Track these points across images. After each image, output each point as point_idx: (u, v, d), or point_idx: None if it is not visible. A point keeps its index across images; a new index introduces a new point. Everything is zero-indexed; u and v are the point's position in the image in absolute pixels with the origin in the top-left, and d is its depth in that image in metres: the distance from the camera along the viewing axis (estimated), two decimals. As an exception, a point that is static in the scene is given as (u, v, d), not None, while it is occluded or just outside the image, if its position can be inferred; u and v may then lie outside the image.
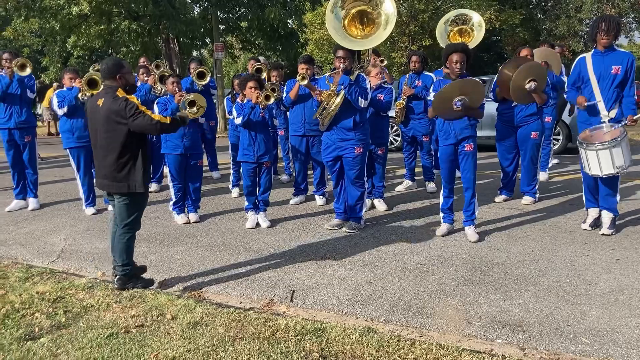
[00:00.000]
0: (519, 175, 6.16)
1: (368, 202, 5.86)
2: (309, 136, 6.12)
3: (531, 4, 27.13)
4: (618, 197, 4.83)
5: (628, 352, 2.84)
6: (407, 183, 7.02)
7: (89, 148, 4.43)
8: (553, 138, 8.09)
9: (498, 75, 5.65)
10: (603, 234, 4.73)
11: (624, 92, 4.69)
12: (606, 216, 4.79)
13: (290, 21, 16.35)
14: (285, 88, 6.31)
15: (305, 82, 5.45)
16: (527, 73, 5.20)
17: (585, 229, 4.92)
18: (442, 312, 3.38)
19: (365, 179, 5.23)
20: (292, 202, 6.36)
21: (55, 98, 5.94)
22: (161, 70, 7.26)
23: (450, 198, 4.97)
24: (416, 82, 6.56)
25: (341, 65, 4.89)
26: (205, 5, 17.27)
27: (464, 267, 4.12)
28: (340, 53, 4.91)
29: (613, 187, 4.75)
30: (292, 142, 6.33)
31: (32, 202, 6.45)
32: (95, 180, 3.94)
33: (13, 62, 6.03)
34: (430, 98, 4.87)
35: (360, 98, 4.87)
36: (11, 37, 21.40)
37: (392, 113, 6.55)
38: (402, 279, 3.93)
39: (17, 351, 2.93)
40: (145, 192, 3.78)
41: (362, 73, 5.16)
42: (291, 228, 5.36)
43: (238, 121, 5.29)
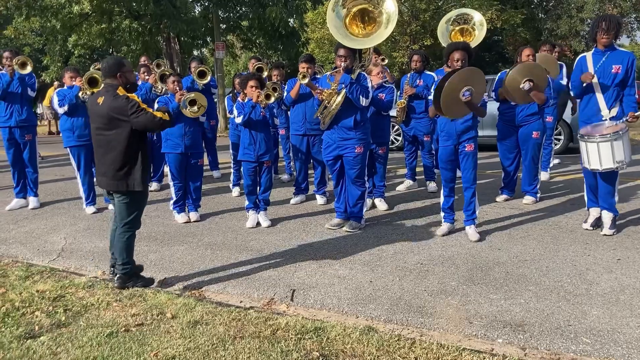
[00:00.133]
0: (520, 175, 6.15)
1: (369, 202, 5.85)
2: (310, 135, 6.11)
3: (532, 4, 27.08)
4: (616, 197, 4.82)
5: (629, 352, 2.83)
6: (408, 182, 7.01)
7: (90, 147, 4.44)
8: (554, 138, 8.07)
9: (505, 79, 5.55)
10: (605, 235, 4.72)
11: (625, 91, 4.68)
12: (606, 216, 4.78)
13: (291, 20, 16.32)
14: (286, 87, 6.31)
15: (306, 81, 5.45)
16: (525, 73, 5.19)
17: (586, 229, 4.92)
18: (443, 312, 3.38)
19: (365, 179, 5.23)
20: (293, 202, 6.36)
21: (55, 97, 5.94)
22: (162, 69, 7.25)
23: (451, 197, 4.96)
24: (417, 82, 6.55)
25: (342, 63, 4.88)
26: (206, 4, 17.26)
27: (465, 267, 4.11)
28: (341, 52, 4.90)
29: (612, 186, 4.74)
30: (293, 142, 6.33)
31: (33, 201, 6.45)
32: (95, 178, 3.93)
33: (14, 61, 6.03)
34: (431, 98, 4.86)
35: (361, 97, 4.86)
36: (12, 36, 21.41)
37: (394, 112, 6.54)
38: (403, 279, 3.92)
39: (17, 349, 2.93)
40: (144, 191, 3.77)
41: (364, 72, 5.15)
42: (292, 227, 5.35)
43: (239, 120, 5.29)
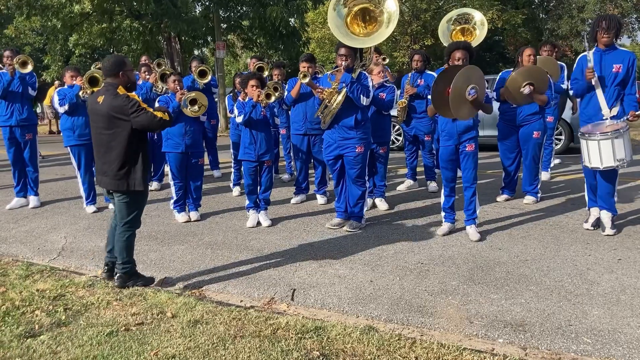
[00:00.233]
0: (521, 174, 6.15)
1: (369, 201, 5.85)
2: (311, 135, 6.11)
3: (533, 4, 27.07)
4: (616, 197, 4.81)
5: (630, 352, 2.82)
6: (409, 182, 7.00)
7: (90, 146, 4.42)
8: (555, 138, 8.06)
9: (508, 80, 5.53)
10: (607, 235, 4.71)
11: (625, 90, 4.67)
12: (606, 216, 4.77)
13: (292, 20, 16.33)
14: (286, 87, 6.31)
15: (306, 80, 5.44)
16: (526, 76, 5.17)
17: (587, 229, 4.91)
18: (443, 311, 3.37)
19: (366, 178, 5.22)
20: (293, 201, 6.36)
21: (56, 96, 5.94)
22: (162, 68, 7.25)
23: (451, 197, 4.96)
24: (418, 81, 6.54)
25: (343, 63, 4.88)
26: (206, 3, 17.27)
27: (466, 267, 4.11)
28: (342, 51, 4.90)
29: (612, 185, 4.72)
30: (294, 141, 6.32)
31: (33, 200, 6.45)
32: (95, 177, 3.92)
33: (14, 60, 6.03)
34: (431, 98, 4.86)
35: (362, 96, 4.86)
36: (13, 35, 21.46)
37: (395, 112, 6.53)
38: (403, 278, 3.92)
39: (17, 348, 2.93)
40: (145, 191, 3.76)
41: (364, 71, 5.14)
42: (292, 227, 5.35)
43: (239, 120, 5.28)
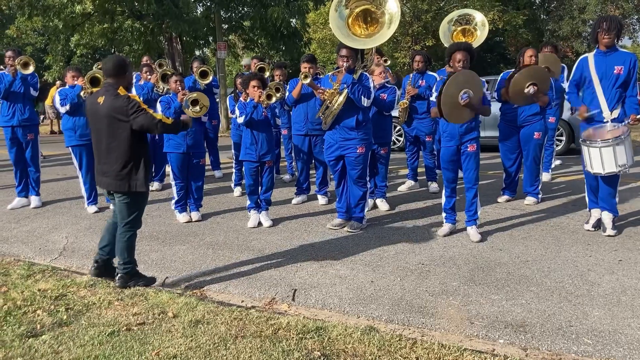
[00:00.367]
0: (522, 175, 6.15)
1: (370, 202, 5.85)
2: (312, 135, 6.12)
3: (534, 5, 27.08)
4: (617, 198, 4.82)
5: (630, 353, 2.83)
6: (410, 183, 7.01)
7: (91, 146, 4.42)
8: (556, 139, 8.06)
9: (509, 80, 5.54)
10: (608, 235, 4.71)
11: (627, 92, 4.67)
12: (607, 217, 4.78)
13: (293, 20, 16.33)
14: (288, 87, 6.32)
15: (307, 81, 5.45)
16: (529, 77, 5.17)
17: (588, 230, 4.91)
18: (444, 312, 3.38)
19: (367, 179, 5.23)
20: (294, 202, 6.36)
21: (57, 96, 5.95)
22: (163, 69, 7.25)
23: (452, 198, 4.96)
24: (420, 82, 6.55)
25: (344, 64, 4.89)
26: (208, 4, 17.30)
27: (466, 267, 4.11)
28: (343, 52, 4.90)
29: (613, 187, 4.74)
30: (295, 142, 6.33)
31: (34, 200, 6.45)
32: (95, 178, 3.92)
33: (16, 60, 6.04)
34: (433, 99, 4.86)
35: (363, 97, 4.86)
36: (14, 35, 21.49)
37: (396, 113, 6.54)
38: (404, 279, 3.92)
39: (19, 348, 2.94)
40: (146, 191, 3.77)
41: (366, 72, 5.15)
42: (293, 227, 5.36)
43: (240, 120, 5.29)
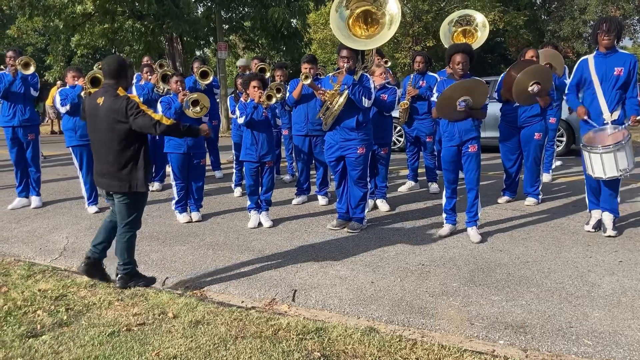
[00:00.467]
0: (522, 176, 6.15)
1: (370, 203, 5.85)
2: (312, 136, 6.12)
3: (535, 6, 27.09)
4: (619, 199, 4.82)
5: (630, 354, 2.83)
6: (410, 183, 7.01)
7: (92, 146, 4.43)
8: (556, 139, 8.06)
9: (504, 76, 5.61)
10: (609, 236, 4.70)
11: (627, 94, 4.67)
12: (607, 218, 4.78)
13: (293, 21, 16.34)
14: (288, 88, 6.32)
15: (308, 82, 5.45)
16: (532, 76, 5.18)
17: (588, 231, 4.91)
18: (444, 313, 3.37)
19: (368, 180, 5.23)
20: (295, 202, 6.36)
21: (58, 96, 5.95)
22: (164, 69, 7.25)
23: (452, 199, 4.96)
24: (420, 83, 6.55)
25: (345, 64, 4.89)
26: (209, 4, 17.30)
27: (467, 268, 4.11)
28: (344, 53, 4.90)
29: (614, 189, 4.74)
30: (295, 142, 6.34)
31: (35, 200, 6.45)
32: (94, 179, 3.92)
33: (17, 61, 6.05)
34: (433, 99, 4.86)
35: (363, 98, 4.87)
36: (15, 36, 21.48)
37: (396, 114, 6.54)
38: (404, 280, 3.92)
39: (19, 348, 2.94)
40: (145, 192, 3.77)
41: (366, 73, 5.15)
42: (293, 228, 5.36)
43: (241, 120, 5.29)
